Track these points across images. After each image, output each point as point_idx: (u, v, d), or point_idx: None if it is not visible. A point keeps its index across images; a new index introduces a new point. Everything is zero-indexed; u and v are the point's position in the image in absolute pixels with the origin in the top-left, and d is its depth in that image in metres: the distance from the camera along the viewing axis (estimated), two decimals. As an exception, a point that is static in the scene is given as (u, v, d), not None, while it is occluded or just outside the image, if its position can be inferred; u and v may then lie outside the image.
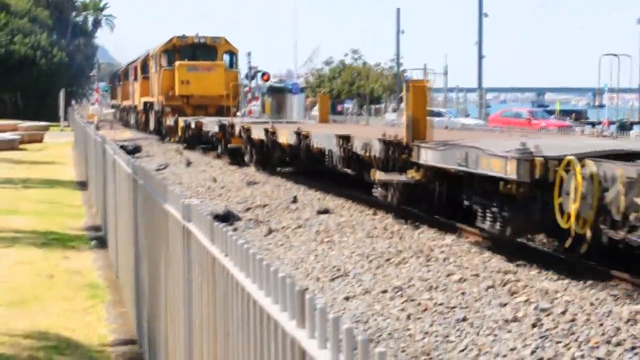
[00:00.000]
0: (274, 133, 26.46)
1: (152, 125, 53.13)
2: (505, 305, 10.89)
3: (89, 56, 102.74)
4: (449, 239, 15.39)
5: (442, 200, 16.61)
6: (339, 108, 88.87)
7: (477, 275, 12.46)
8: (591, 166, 11.55)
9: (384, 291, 12.04)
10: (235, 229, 17.12)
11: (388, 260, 13.89)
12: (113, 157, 11.89)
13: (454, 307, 11.05)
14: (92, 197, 20.11)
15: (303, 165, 25.81)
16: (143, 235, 8.12)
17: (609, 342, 9.24)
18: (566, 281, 12.01)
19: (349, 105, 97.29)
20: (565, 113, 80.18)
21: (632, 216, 10.73)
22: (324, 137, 21.65)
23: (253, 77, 71.65)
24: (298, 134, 23.64)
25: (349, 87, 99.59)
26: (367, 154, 18.34)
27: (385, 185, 17.54)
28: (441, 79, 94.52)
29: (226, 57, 50.23)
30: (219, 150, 35.80)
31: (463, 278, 12.33)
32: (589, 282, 11.89)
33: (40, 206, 19.91)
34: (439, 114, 61.01)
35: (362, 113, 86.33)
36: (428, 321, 10.69)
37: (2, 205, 19.84)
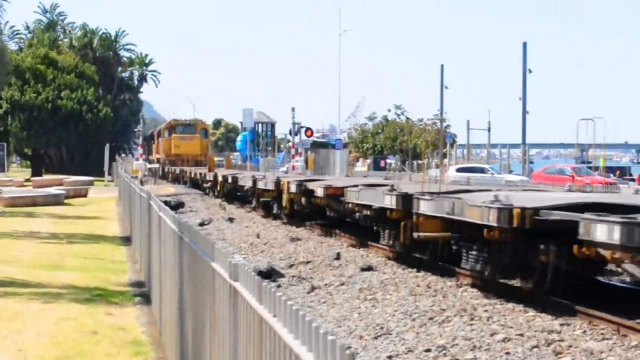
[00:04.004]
0: (200, 174, 54.41)
1: (160, 172, 77.17)
2: (550, 365, 10.79)
3: (134, 111, 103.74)
4: (492, 297, 15.30)
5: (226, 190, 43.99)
6: (382, 163, 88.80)
7: (521, 334, 12.37)
8: None
9: (428, 350, 11.96)
10: (278, 286, 17.12)
11: (431, 318, 13.82)
12: (158, 214, 11.97)
13: (498, 367, 10.95)
14: (136, 252, 20.22)
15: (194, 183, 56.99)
16: (188, 292, 8.13)
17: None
18: (611, 341, 11.90)
19: (392, 160, 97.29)
20: (609, 169, 79.71)
21: None
22: (198, 172, 54.30)
23: (297, 133, 71.52)
24: (196, 173, 55.82)
25: (391, 143, 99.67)
26: (206, 178, 49.95)
27: (209, 187, 48.13)
28: (484, 134, 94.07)
29: (202, 131, 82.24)
30: (180, 182, 65.18)
31: (507, 337, 12.24)
32: (634, 343, 11.76)
33: (84, 262, 20.04)
34: (481, 170, 60.58)
35: (404, 169, 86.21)
36: (472, 381, 10.61)
37: (47, 260, 20.01)
